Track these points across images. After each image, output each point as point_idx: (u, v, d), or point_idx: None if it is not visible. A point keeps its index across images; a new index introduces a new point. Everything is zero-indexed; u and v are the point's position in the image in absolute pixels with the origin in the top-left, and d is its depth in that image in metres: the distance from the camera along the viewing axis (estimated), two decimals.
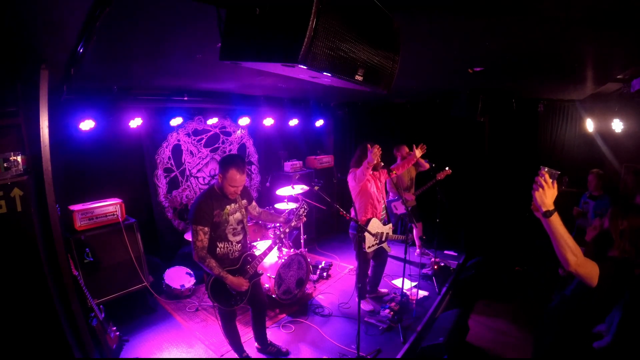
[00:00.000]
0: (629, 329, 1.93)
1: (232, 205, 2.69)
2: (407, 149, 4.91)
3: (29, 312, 2.22)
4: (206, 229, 2.51)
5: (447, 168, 4.75)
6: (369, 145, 3.50)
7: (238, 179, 2.53)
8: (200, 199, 2.58)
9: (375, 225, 3.60)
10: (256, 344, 3.20)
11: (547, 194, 1.58)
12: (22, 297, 2.20)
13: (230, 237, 2.69)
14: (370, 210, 3.62)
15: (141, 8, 1.53)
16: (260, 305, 3.00)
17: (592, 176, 4.21)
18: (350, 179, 3.66)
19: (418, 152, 3.95)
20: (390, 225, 3.80)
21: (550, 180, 1.59)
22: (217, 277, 2.56)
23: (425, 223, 5.31)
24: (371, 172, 3.63)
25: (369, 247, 3.57)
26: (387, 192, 4.20)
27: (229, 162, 2.52)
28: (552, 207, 1.57)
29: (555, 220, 1.56)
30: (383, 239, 3.70)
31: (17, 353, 2.20)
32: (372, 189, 3.63)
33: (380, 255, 3.91)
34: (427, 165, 4.72)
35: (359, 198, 3.63)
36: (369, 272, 3.98)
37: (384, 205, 3.79)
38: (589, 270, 1.57)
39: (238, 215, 2.73)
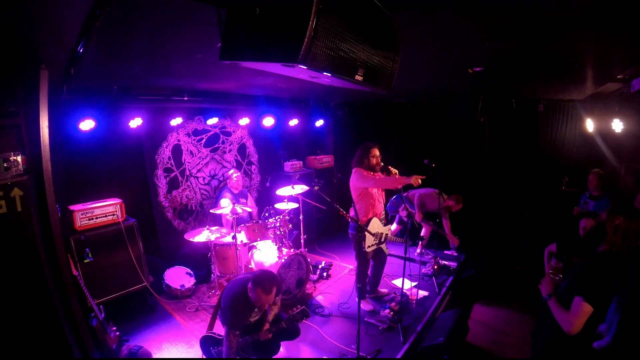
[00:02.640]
0: (629, 329, 1.93)
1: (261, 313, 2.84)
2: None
3: (29, 312, 2.22)
4: (237, 332, 2.62)
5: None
6: (371, 150, 3.60)
7: (263, 300, 2.61)
8: (239, 303, 2.68)
9: (375, 225, 3.60)
10: None
11: (546, 285, 2.05)
12: (23, 297, 2.20)
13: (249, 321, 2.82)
14: (371, 210, 3.62)
15: (141, 8, 1.53)
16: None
17: (592, 176, 4.21)
18: (354, 178, 3.63)
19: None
20: (390, 226, 3.80)
21: (550, 277, 2.14)
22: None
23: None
24: (372, 173, 3.64)
25: (369, 247, 3.56)
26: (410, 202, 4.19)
27: (258, 283, 2.60)
28: (551, 292, 2.00)
29: (552, 302, 1.96)
30: (382, 240, 3.70)
31: (17, 353, 2.20)
32: (373, 189, 3.63)
33: (380, 255, 3.91)
34: (452, 208, 4.83)
35: (360, 198, 3.63)
36: (369, 272, 3.97)
37: (383, 206, 3.78)
38: (583, 320, 1.78)
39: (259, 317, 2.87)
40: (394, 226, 5.21)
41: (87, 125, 3.54)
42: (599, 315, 1.83)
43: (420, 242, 5.17)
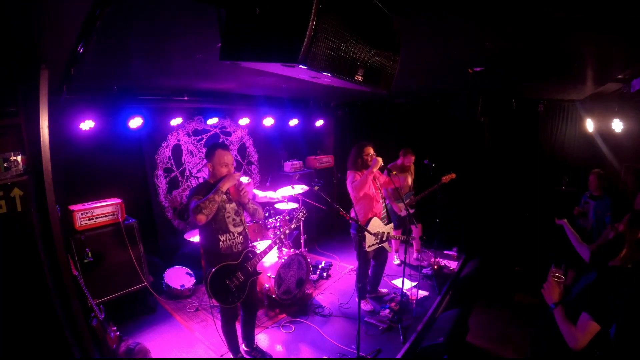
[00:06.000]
0: (629, 329, 1.92)
1: (227, 195, 2.72)
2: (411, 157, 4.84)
3: (29, 312, 2.22)
4: (200, 196, 2.56)
5: (452, 173, 4.59)
6: (365, 149, 3.55)
7: (226, 157, 2.65)
8: (196, 186, 2.73)
9: (376, 225, 3.59)
10: (243, 345, 3.16)
11: (551, 291, 1.92)
12: (23, 297, 2.20)
13: (232, 228, 2.70)
14: (370, 210, 3.61)
15: (141, 8, 1.53)
16: (254, 306, 3.03)
17: (592, 176, 4.21)
18: (348, 183, 3.64)
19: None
20: (391, 225, 3.79)
21: (554, 281, 1.94)
22: (211, 200, 2.46)
23: (425, 223, 5.31)
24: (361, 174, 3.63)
25: (370, 247, 3.56)
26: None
27: (212, 147, 2.68)
28: (557, 301, 1.88)
29: (558, 312, 1.84)
30: (384, 239, 3.70)
31: (17, 353, 2.20)
32: (371, 189, 3.62)
33: (381, 255, 3.90)
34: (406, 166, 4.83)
35: (358, 199, 3.63)
36: (370, 272, 3.97)
37: (383, 205, 3.78)
38: (589, 338, 1.72)
39: (234, 205, 2.75)
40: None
41: (87, 125, 3.55)
42: (606, 331, 1.79)
43: (414, 245, 5.18)
